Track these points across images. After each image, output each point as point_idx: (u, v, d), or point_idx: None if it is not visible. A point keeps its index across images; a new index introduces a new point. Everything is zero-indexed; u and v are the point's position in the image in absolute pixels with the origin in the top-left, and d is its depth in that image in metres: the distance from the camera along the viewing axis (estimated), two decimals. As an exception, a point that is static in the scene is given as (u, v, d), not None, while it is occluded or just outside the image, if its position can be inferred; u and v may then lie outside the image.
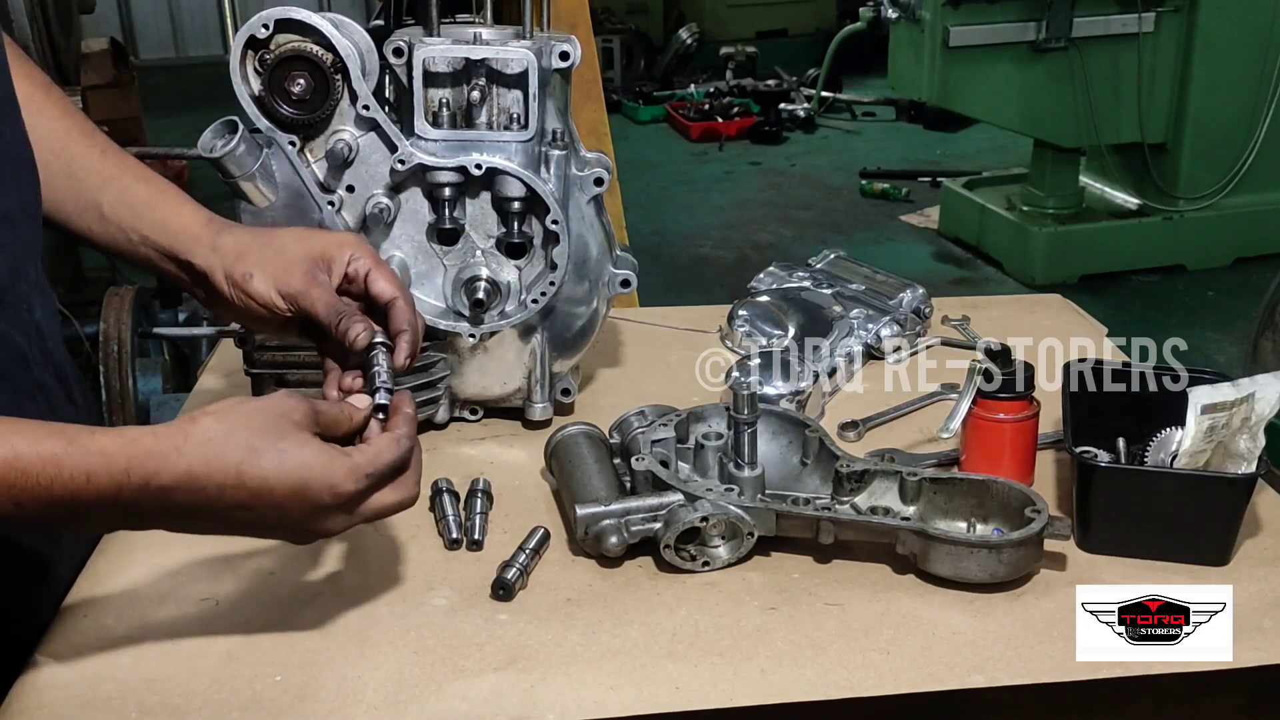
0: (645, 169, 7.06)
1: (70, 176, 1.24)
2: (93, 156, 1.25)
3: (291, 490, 1.00)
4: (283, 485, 0.99)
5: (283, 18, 1.38)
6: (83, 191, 1.24)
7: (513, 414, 1.59)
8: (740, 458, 1.31)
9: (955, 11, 4.93)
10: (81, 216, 1.24)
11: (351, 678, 1.11)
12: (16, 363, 1.16)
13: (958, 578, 1.22)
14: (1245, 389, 1.28)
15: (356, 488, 1.03)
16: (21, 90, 1.21)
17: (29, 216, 1.18)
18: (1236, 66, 5.15)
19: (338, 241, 1.22)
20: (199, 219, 1.24)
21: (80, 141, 1.25)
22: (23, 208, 1.17)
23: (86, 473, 0.94)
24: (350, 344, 1.15)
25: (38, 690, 1.09)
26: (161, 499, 0.97)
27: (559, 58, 1.44)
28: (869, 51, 7.44)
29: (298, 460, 1.00)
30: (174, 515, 1.00)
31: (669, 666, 1.13)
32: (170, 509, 0.98)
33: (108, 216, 1.24)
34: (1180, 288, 5.31)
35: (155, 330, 3.11)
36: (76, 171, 1.24)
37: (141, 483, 0.96)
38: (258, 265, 1.20)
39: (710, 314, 1.90)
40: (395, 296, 1.19)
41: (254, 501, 1.00)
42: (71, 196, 1.24)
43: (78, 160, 1.24)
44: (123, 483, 0.95)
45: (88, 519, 0.99)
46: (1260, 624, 1.18)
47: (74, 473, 0.94)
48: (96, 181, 1.24)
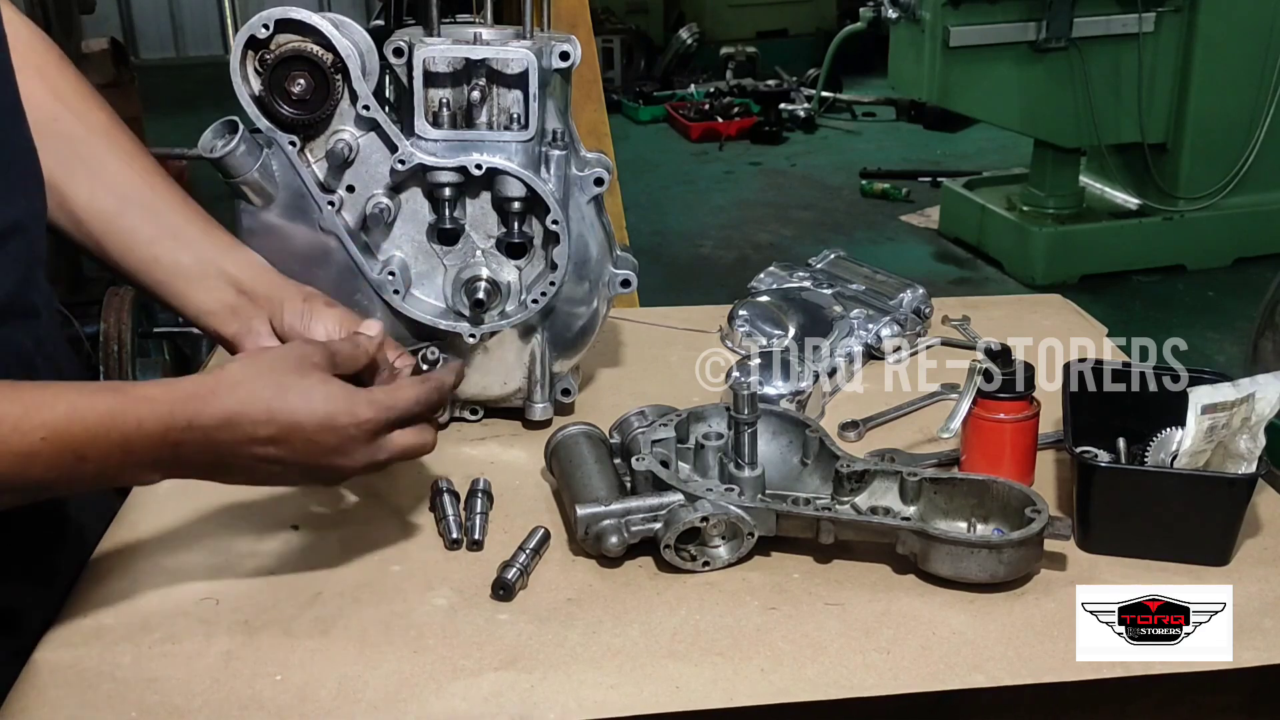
0: (645, 169, 7.06)
1: (148, 208, 1.33)
2: (175, 196, 1.34)
3: (319, 423, 1.09)
4: (311, 418, 1.08)
5: (283, 18, 1.38)
6: (161, 223, 1.33)
7: (513, 414, 1.59)
8: (740, 458, 1.31)
9: (955, 11, 4.93)
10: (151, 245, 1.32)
11: (351, 677, 1.11)
12: (24, 368, 1.18)
13: (958, 578, 1.22)
14: (1245, 389, 1.28)
15: (376, 415, 1.12)
16: (98, 118, 1.33)
17: (37, 224, 1.21)
18: (1237, 66, 5.16)
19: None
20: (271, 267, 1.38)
21: (161, 180, 1.35)
22: (32, 216, 1.19)
23: (138, 419, 1.01)
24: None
25: (38, 689, 1.09)
26: (203, 440, 1.05)
27: (559, 58, 1.44)
28: (869, 51, 7.44)
29: (322, 394, 1.10)
30: (214, 457, 1.07)
31: (669, 666, 1.13)
32: (209, 449, 1.06)
33: (188, 245, 1.33)
34: (1180, 288, 5.31)
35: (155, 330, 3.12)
36: (158, 207, 1.33)
37: (185, 424, 1.03)
38: (328, 302, 1.33)
39: (710, 314, 1.90)
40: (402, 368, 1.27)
41: (285, 435, 1.08)
42: (146, 225, 1.32)
43: (161, 197, 1.34)
44: (169, 424, 1.03)
45: (138, 467, 1.05)
46: (1260, 624, 1.18)
47: (126, 419, 1.01)
48: (179, 219, 1.33)
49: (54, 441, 0.98)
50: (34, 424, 0.97)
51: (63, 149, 1.28)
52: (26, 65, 1.26)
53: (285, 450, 1.09)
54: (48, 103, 1.28)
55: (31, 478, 0.99)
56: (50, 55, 1.32)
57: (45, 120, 1.27)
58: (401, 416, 1.14)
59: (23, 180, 1.19)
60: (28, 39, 1.30)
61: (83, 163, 1.29)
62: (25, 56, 1.26)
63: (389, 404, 1.13)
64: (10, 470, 0.97)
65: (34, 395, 0.99)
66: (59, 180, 1.28)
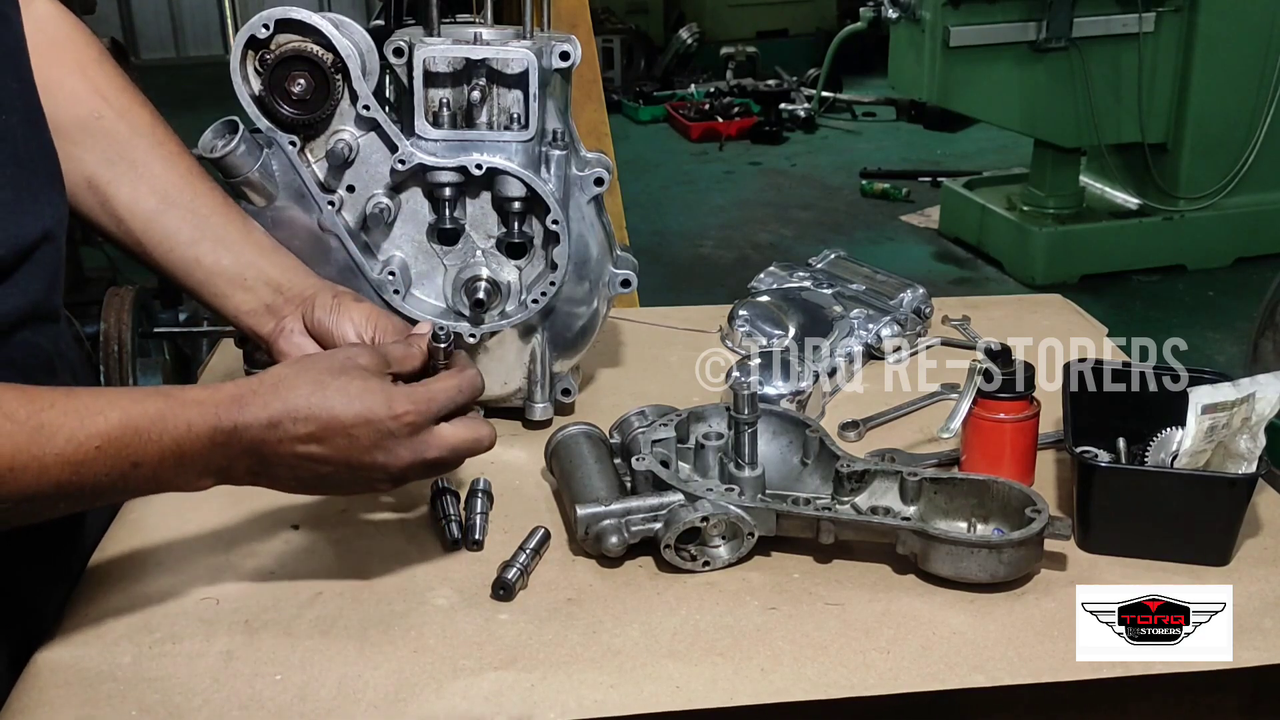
0: (645, 169, 7.06)
1: (190, 210, 1.33)
2: (217, 198, 1.35)
3: (355, 417, 1.08)
4: (348, 412, 1.08)
5: (283, 18, 1.38)
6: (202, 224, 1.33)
7: (513, 414, 1.59)
8: (740, 458, 1.31)
9: (955, 11, 4.93)
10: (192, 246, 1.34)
11: (351, 677, 1.11)
12: (45, 371, 1.19)
13: (958, 578, 1.22)
14: (1245, 389, 1.28)
15: (415, 408, 1.11)
16: (141, 116, 1.32)
17: (63, 231, 1.21)
18: (1237, 66, 5.15)
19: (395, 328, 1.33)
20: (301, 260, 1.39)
21: (204, 181, 1.36)
22: (59, 222, 1.20)
23: (188, 422, 1.03)
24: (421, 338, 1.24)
25: (38, 689, 1.09)
26: (249, 441, 1.06)
27: (559, 58, 1.44)
28: (869, 51, 7.45)
29: (359, 388, 1.09)
30: (260, 460, 1.08)
31: (669, 666, 1.13)
32: (255, 451, 1.07)
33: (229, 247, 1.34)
34: (1180, 288, 5.31)
35: (156, 330, 3.12)
36: (199, 208, 1.34)
37: (231, 426, 1.05)
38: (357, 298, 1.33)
39: (711, 314, 1.90)
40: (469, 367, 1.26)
41: (324, 432, 1.08)
42: (188, 226, 1.33)
43: (202, 198, 1.34)
44: (216, 425, 1.04)
45: (190, 470, 1.05)
46: (1260, 624, 1.18)
47: (177, 422, 1.02)
48: (220, 220, 1.34)
49: (108, 449, 0.98)
50: (89, 433, 0.97)
51: (107, 147, 1.28)
52: (66, 60, 1.25)
53: (327, 449, 1.08)
54: (91, 100, 1.28)
55: (87, 485, 0.99)
56: (91, 50, 1.31)
57: (88, 117, 1.27)
58: (443, 409, 1.13)
59: (51, 188, 1.19)
60: (69, 33, 1.29)
61: (127, 163, 1.29)
62: (65, 50, 1.26)
63: (427, 397, 1.12)
64: (67, 479, 0.97)
65: (87, 403, 0.99)
66: (102, 180, 1.28)
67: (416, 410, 1.11)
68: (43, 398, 0.98)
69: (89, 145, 1.26)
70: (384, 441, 1.10)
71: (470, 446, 1.16)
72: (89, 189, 1.28)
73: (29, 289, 1.14)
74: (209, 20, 10.62)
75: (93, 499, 1.04)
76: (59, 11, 1.29)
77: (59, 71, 1.22)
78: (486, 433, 1.17)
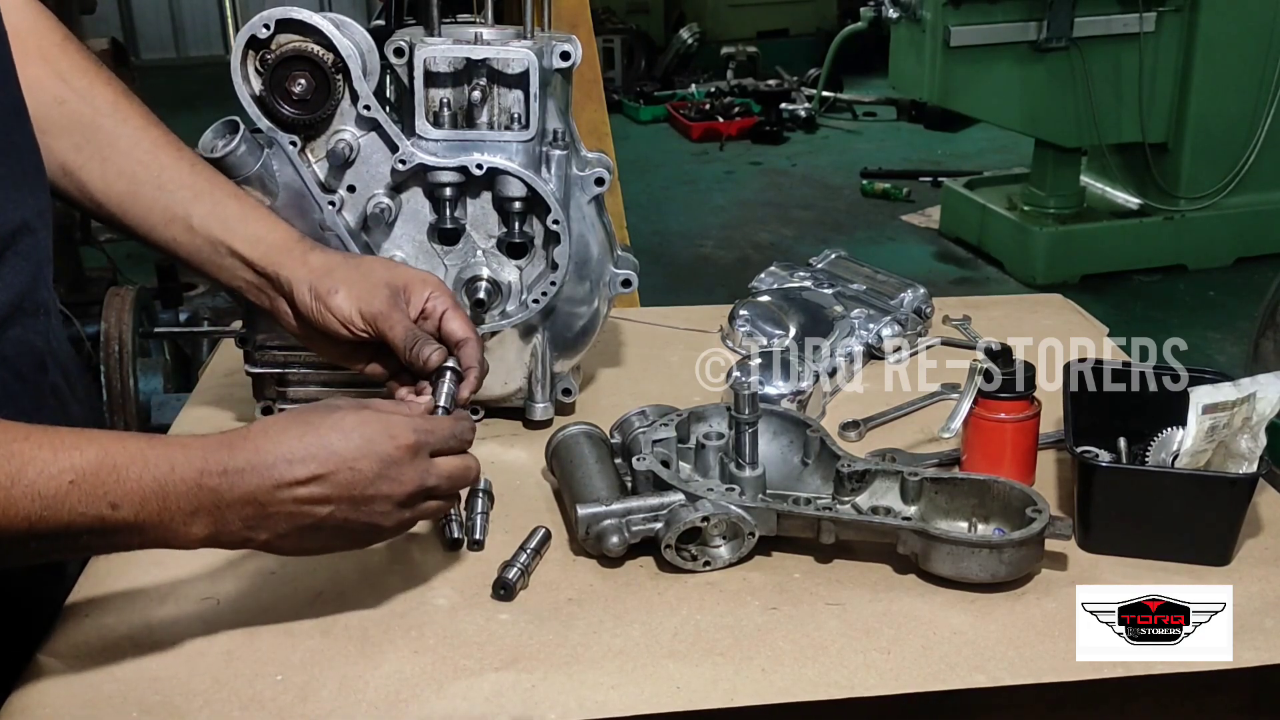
0: (646, 169, 7.06)
1: (159, 188, 1.28)
2: (183, 170, 1.30)
3: (357, 448, 1.06)
4: (348, 445, 1.05)
5: (284, 18, 1.38)
6: (172, 203, 1.29)
7: (514, 414, 1.59)
8: (741, 458, 1.31)
9: (956, 11, 4.93)
10: (168, 227, 1.29)
11: (352, 677, 1.11)
12: (36, 367, 1.18)
13: (959, 578, 1.22)
14: (1246, 389, 1.28)
15: (415, 433, 1.09)
16: (104, 95, 1.28)
17: (44, 223, 1.20)
18: (1237, 66, 5.15)
19: (420, 278, 1.30)
20: (291, 235, 1.32)
21: (169, 153, 1.30)
22: (39, 214, 1.19)
23: (171, 462, 0.99)
24: (423, 363, 1.23)
25: (40, 689, 1.09)
26: (240, 486, 1.01)
27: (560, 58, 1.44)
28: (870, 51, 7.44)
29: (355, 420, 1.07)
30: (256, 507, 1.03)
31: (670, 666, 1.13)
32: (248, 498, 1.02)
33: (196, 229, 1.29)
34: (1181, 288, 5.31)
35: (156, 330, 3.11)
36: (166, 184, 1.29)
37: (220, 469, 1.01)
38: (344, 283, 1.27)
39: (711, 314, 1.90)
40: (468, 337, 1.26)
41: (325, 470, 1.04)
42: (159, 207, 1.29)
43: (168, 172, 1.29)
44: (202, 467, 1.00)
45: (176, 514, 1.00)
46: (1261, 624, 1.18)
47: (159, 461, 0.98)
48: (188, 195, 1.29)
49: (83, 485, 0.94)
50: (62, 466, 0.94)
51: (75, 133, 1.27)
52: (29, 49, 1.24)
53: (329, 487, 1.05)
54: (54, 86, 1.26)
55: (60, 524, 0.95)
56: (54, 36, 1.30)
57: (52, 104, 1.25)
58: (441, 440, 1.13)
59: (28, 179, 1.18)
60: (31, 22, 1.28)
61: (94, 146, 1.28)
62: (27, 40, 1.25)
63: (426, 426, 1.12)
64: (38, 515, 0.93)
65: (65, 437, 0.96)
66: (74, 166, 1.27)
67: (417, 438, 1.10)
68: (17, 429, 0.95)
69: (57, 133, 1.24)
70: (388, 470, 1.07)
71: (463, 474, 1.16)
72: (65, 176, 1.27)
73: (13, 282, 1.13)
74: (209, 20, 10.62)
75: (70, 544, 0.99)
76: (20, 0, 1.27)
77: (21, 60, 1.20)
78: (474, 463, 1.17)
